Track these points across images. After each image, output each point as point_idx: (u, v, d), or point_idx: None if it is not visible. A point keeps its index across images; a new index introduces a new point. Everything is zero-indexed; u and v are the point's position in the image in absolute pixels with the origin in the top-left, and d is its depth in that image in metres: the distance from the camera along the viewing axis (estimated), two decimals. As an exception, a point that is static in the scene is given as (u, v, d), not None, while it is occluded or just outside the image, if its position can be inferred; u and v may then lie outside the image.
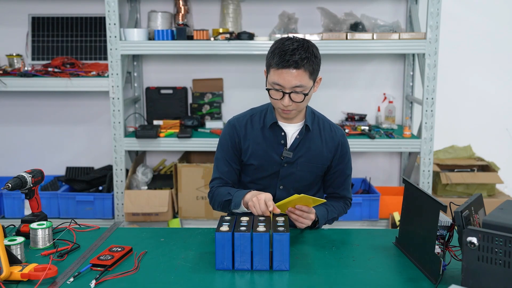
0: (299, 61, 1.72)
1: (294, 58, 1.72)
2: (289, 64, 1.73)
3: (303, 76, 1.75)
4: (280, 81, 1.76)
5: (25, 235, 1.71)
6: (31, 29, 3.61)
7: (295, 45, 1.74)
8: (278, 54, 1.74)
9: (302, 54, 1.73)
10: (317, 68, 1.80)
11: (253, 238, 1.51)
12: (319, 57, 1.80)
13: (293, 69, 1.73)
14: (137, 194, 3.27)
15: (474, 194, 1.52)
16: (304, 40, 1.78)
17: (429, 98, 3.14)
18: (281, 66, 1.74)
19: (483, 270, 1.27)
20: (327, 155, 1.93)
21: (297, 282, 1.47)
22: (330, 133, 1.94)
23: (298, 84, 1.75)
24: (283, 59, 1.73)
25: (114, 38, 3.12)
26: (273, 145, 1.90)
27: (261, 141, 1.91)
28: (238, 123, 1.94)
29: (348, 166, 2.00)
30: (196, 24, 3.54)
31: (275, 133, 1.90)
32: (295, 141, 1.89)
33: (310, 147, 1.91)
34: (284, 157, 1.89)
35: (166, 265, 1.56)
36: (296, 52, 1.73)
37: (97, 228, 1.88)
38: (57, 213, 3.33)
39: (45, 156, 3.76)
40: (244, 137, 1.92)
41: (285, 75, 1.74)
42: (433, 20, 3.05)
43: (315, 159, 1.92)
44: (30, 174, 1.77)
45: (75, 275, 1.47)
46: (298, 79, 1.75)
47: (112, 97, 3.18)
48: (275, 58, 1.75)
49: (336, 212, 1.96)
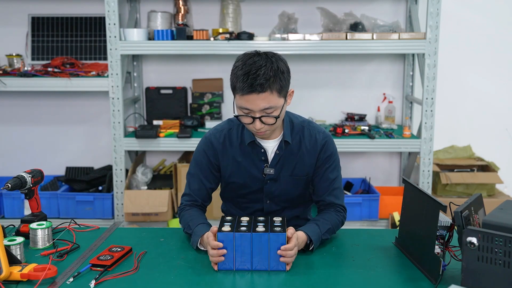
0: (264, 83, 1.59)
1: (259, 81, 1.59)
2: (254, 88, 1.59)
3: (271, 98, 1.62)
4: (247, 106, 1.63)
5: (24, 235, 1.71)
6: (31, 29, 3.60)
7: (258, 65, 1.60)
8: (241, 78, 1.60)
9: (267, 74, 1.59)
10: (286, 83, 1.67)
11: (253, 238, 1.51)
12: (287, 70, 1.67)
13: (258, 93, 1.60)
14: (137, 194, 3.26)
15: (474, 194, 1.52)
16: (267, 56, 1.64)
17: (429, 98, 3.13)
18: (246, 92, 1.60)
19: (483, 270, 1.27)
20: (310, 163, 1.82)
21: (296, 282, 1.47)
22: (311, 139, 1.82)
23: (267, 106, 1.63)
24: (246, 83, 1.59)
25: (114, 38, 3.12)
26: (254, 162, 1.80)
27: (241, 158, 1.81)
28: (216, 139, 1.82)
29: (332, 169, 1.83)
30: (196, 24, 3.53)
31: (254, 150, 1.80)
32: (275, 157, 1.80)
33: (292, 160, 1.81)
34: (265, 174, 1.80)
35: (166, 265, 1.56)
36: (259, 73, 1.59)
37: (96, 228, 1.88)
38: (57, 213, 3.32)
39: (45, 156, 3.75)
40: (222, 154, 1.82)
41: (252, 99, 1.61)
42: (433, 20, 3.05)
43: (298, 172, 1.82)
44: (29, 174, 1.78)
45: (75, 275, 1.47)
46: (266, 101, 1.62)
47: (112, 97, 3.18)
48: (238, 83, 1.61)
49: (329, 223, 1.74)
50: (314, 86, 3.67)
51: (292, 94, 1.75)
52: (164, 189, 3.36)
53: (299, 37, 3.16)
